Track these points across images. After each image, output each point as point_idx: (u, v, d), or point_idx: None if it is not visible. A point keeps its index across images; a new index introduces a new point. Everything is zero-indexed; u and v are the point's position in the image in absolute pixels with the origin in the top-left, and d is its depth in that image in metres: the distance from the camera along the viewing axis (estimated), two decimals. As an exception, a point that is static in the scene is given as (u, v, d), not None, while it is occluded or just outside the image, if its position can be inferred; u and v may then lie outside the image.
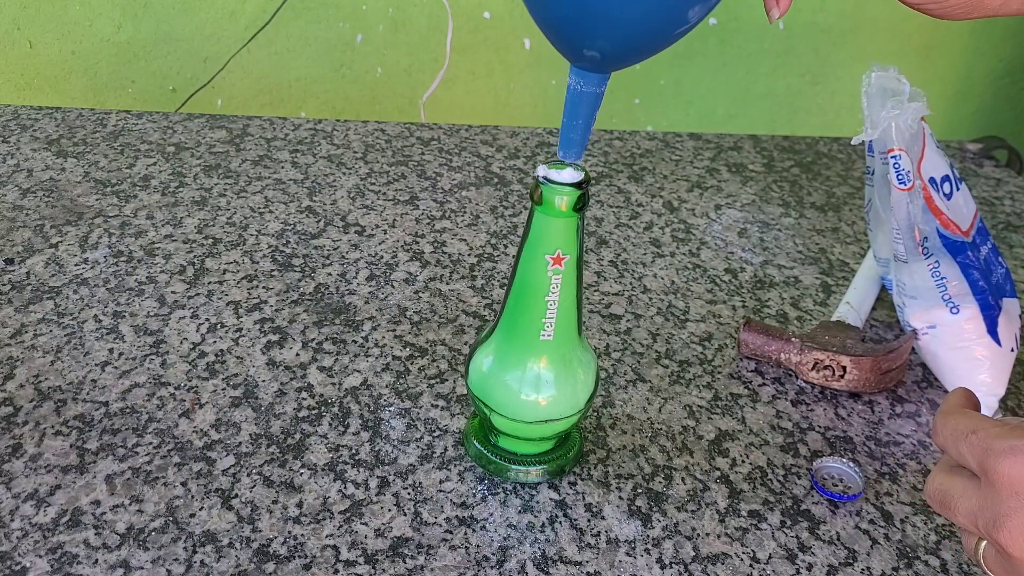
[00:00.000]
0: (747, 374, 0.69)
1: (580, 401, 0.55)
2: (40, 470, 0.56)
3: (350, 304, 0.74)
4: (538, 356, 0.53)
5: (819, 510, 0.58)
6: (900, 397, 0.69)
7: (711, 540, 0.55)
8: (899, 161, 0.64)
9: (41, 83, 1.32)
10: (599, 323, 0.74)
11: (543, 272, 0.49)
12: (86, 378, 0.63)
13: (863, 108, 0.66)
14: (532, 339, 0.52)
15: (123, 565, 0.50)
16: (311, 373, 0.65)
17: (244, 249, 0.80)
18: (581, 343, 0.54)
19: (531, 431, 0.55)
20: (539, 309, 0.51)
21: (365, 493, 0.56)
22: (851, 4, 1.42)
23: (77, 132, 0.98)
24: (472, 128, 1.08)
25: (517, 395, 0.53)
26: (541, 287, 0.50)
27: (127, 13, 1.28)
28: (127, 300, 0.72)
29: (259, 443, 0.59)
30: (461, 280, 0.78)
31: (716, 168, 1.03)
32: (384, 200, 0.90)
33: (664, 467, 0.60)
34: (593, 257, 0.83)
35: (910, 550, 0.56)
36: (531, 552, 0.53)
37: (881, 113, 0.64)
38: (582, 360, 0.54)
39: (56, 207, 0.84)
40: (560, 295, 0.50)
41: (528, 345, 0.52)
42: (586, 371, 0.54)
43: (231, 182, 0.91)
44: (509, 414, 0.54)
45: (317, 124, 1.05)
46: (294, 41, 1.34)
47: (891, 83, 0.65)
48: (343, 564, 0.51)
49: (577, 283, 0.51)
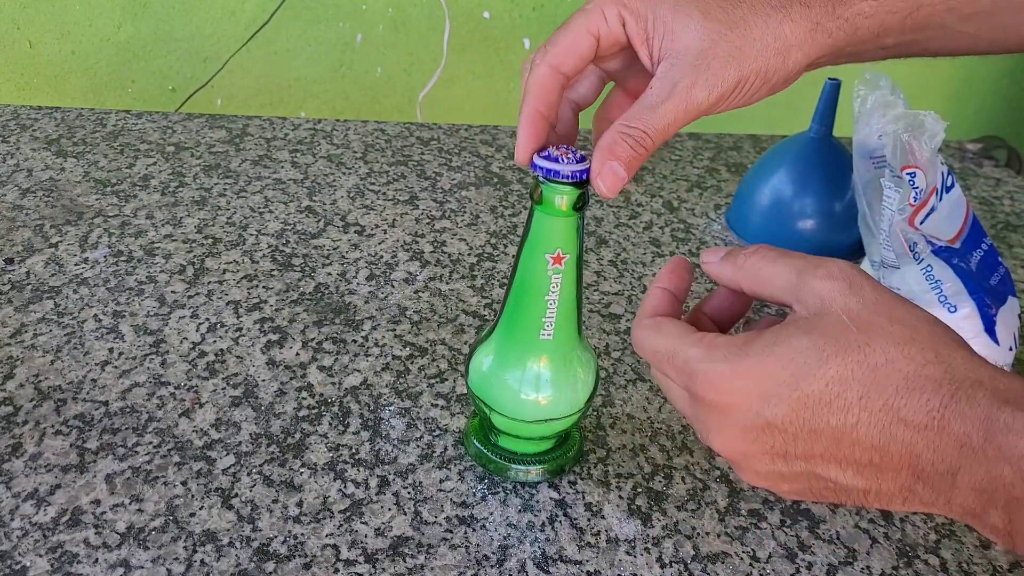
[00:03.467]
0: (747, 373, 0.69)
1: (580, 400, 0.55)
2: (40, 469, 0.56)
3: (350, 304, 0.74)
4: (538, 355, 0.53)
5: (819, 509, 0.58)
6: (900, 396, 0.68)
7: (711, 539, 0.55)
8: (915, 179, 0.65)
9: (41, 83, 1.32)
10: (599, 323, 0.74)
11: (543, 271, 0.49)
12: (86, 378, 0.63)
13: (856, 118, 0.66)
14: (532, 338, 0.52)
15: (123, 564, 0.50)
16: (311, 373, 0.65)
17: (244, 249, 0.80)
18: (581, 342, 0.54)
19: (531, 430, 0.55)
20: (539, 308, 0.51)
21: (365, 492, 0.56)
22: (851, 4, 1.42)
23: (77, 132, 0.98)
24: (472, 128, 1.08)
25: (517, 394, 0.53)
26: (541, 286, 0.50)
27: (127, 13, 1.28)
28: (127, 300, 0.72)
29: (259, 442, 0.59)
30: (461, 280, 0.78)
31: (716, 168, 1.03)
32: (384, 200, 0.90)
33: (664, 466, 0.60)
34: (593, 257, 0.83)
35: (910, 549, 0.56)
36: (531, 551, 0.53)
37: (889, 126, 0.65)
38: (582, 359, 0.54)
39: (56, 207, 0.84)
40: (560, 294, 0.50)
41: (528, 344, 0.52)
42: (586, 370, 0.55)
43: (231, 182, 0.91)
44: (509, 413, 0.54)
45: (317, 124, 1.05)
46: (294, 41, 1.34)
47: (885, 98, 0.66)
48: (343, 563, 0.51)
49: (577, 282, 0.51)
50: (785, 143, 0.87)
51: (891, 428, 0.36)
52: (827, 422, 0.37)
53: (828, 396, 0.37)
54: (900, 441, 0.36)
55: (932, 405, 0.36)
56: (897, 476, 0.37)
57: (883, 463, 0.37)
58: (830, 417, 0.37)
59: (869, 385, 0.36)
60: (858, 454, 0.37)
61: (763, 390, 0.38)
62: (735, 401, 0.39)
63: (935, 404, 0.36)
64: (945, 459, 0.36)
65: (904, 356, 0.37)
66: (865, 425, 0.36)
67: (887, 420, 0.36)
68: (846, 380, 0.37)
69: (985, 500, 0.35)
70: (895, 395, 0.36)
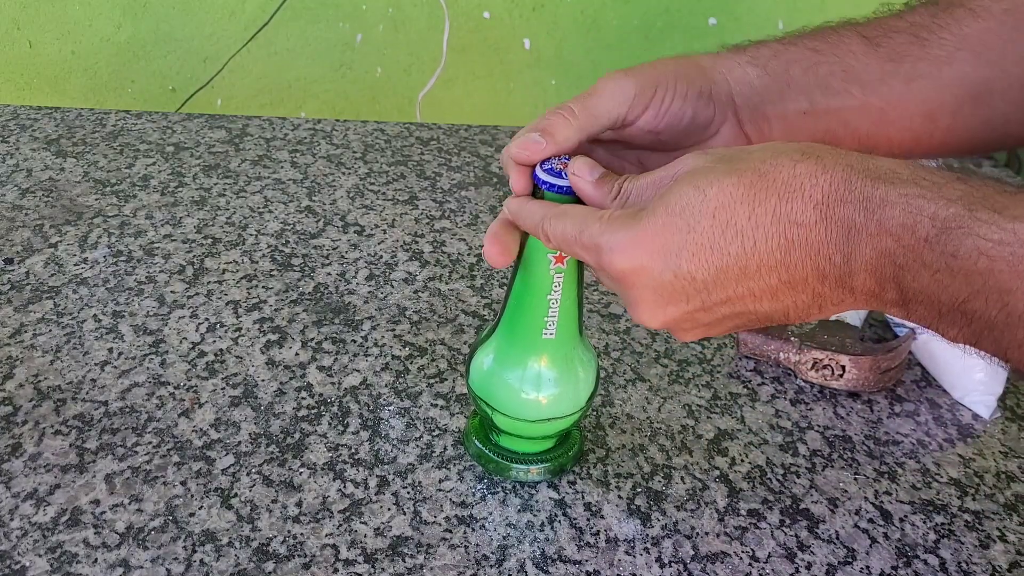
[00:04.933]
0: (746, 373, 0.70)
1: (581, 399, 0.55)
2: (40, 469, 0.56)
3: (349, 304, 0.74)
4: (539, 355, 0.53)
5: (818, 509, 0.58)
6: (899, 396, 0.69)
7: (710, 539, 0.55)
8: None
9: (41, 83, 1.32)
10: (599, 323, 0.74)
11: (545, 271, 0.49)
12: (85, 378, 0.63)
13: None
14: (534, 338, 0.52)
15: (123, 564, 0.50)
16: (310, 373, 0.65)
17: (243, 249, 0.80)
18: (582, 342, 0.54)
19: (532, 430, 0.55)
20: (542, 308, 0.51)
21: (364, 492, 0.56)
22: (851, 4, 1.42)
23: (76, 132, 0.98)
24: (471, 128, 1.08)
25: (518, 394, 0.53)
26: (543, 286, 0.50)
27: (127, 13, 1.28)
28: (126, 300, 0.72)
29: (259, 442, 0.59)
30: (460, 280, 0.78)
31: (715, 168, 1.03)
32: (383, 200, 0.90)
33: (663, 466, 0.60)
34: (592, 257, 0.83)
35: (909, 549, 0.56)
36: (530, 551, 0.53)
37: None
38: (583, 359, 0.54)
39: (55, 207, 0.84)
40: (562, 294, 0.50)
41: (530, 344, 0.52)
42: (587, 369, 0.55)
43: (230, 182, 0.91)
44: (510, 413, 0.54)
45: (316, 124, 1.05)
46: (294, 41, 1.34)
47: None
48: (343, 563, 0.51)
49: (579, 281, 0.51)
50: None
51: (786, 233, 0.38)
52: (728, 252, 0.39)
53: (720, 226, 0.39)
54: (798, 244, 0.38)
55: (816, 199, 0.38)
56: (805, 286, 0.39)
57: (791, 278, 0.39)
58: (729, 247, 0.39)
59: (752, 201, 0.38)
60: (767, 279, 0.39)
61: (663, 244, 0.40)
62: (642, 263, 0.40)
63: (817, 197, 0.38)
64: (839, 248, 0.38)
65: (774, 165, 0.39)
66: (763, 242, 0.38)
67: (780, 227, 0.38)
68: (730, 204, 0.38)
69: (879, 277, 0.38)
70: (779, 201, 0.38)
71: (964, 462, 0.63)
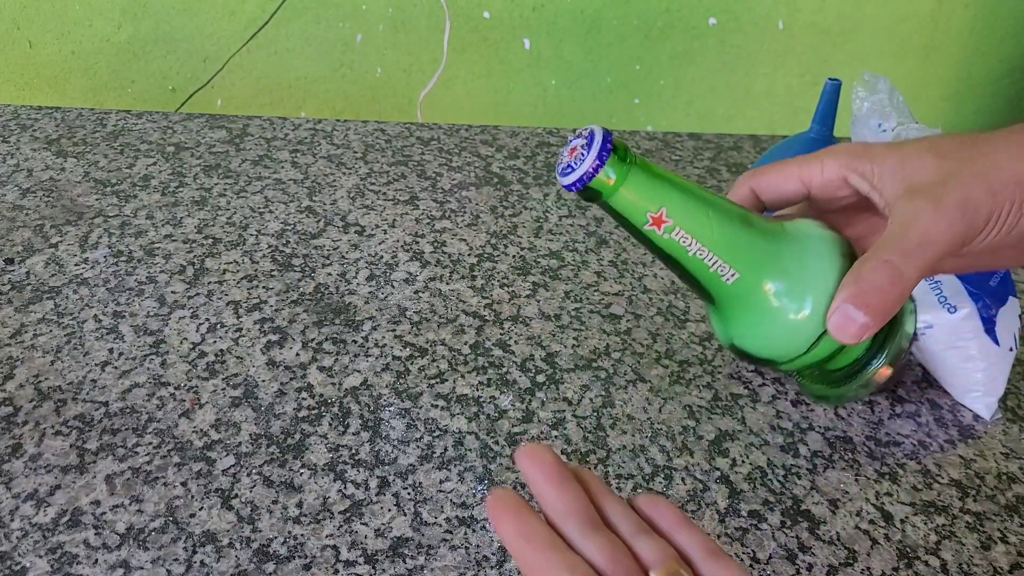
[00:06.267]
0: (747, 374, 0.69)
1: (827, 273, 0.46)
2: (40, 470, 0.56)
3: (350, 304, 0.74)
4: (744, 294, 0.46)
5: (819, 510, 0.58)
6: (900, 397, 0.69)
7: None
8: None
9: (41, 83, 1.32)
10: (599, 323, 0.74)
11: (663, 240, 0.44)
12: (86, 378, 0.63)
13: (853, 122, 0.66)
14: (726, 290, 0.45)
15: (123, 565, 0.50)
16: (311, 373, 0.65)
17: (244, 249, 0.80)
18: (782, 230, 0.46)
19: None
20: (701, 269, 0.45)
21: (365, 493, 0.56)
22: (851, 4, 1.42)
23: (77, 132, 0.98)
24: (472, 128, 1.08)
25: (792, 324, 0.45)
26: (679, 252, 0.44)
27: (127, 13, 1.28)
28: (127, 300, 0.72)
29: (259, 443, 0.59)
30: (461, 280, 0.78)
31: (716, 168, 1.03)
32: (384, 200, 0.90)
33: (664, 467, 0.60)
34: (593, 257, 0.83)
35: (910, 550, 0.56)
36: (531, 552, 0.53)
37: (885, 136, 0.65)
38: (796, 246, 0.46)
39: (56, 207, 0.84)
40: (700, 239, 0.44)
41: (731, 297, 0.46)
42: (802, 247, 0.46)
43: (231, 182, 0.91)
44: (810, 340, 0.45)
45: (317, 124, 1.05)
46: (294, 41, 1.34)
47: (882, 105, 0.66)
48: (343, 564, 0.51)
49: (703, 211, 0.44)
50: (785, 143, 0.87)
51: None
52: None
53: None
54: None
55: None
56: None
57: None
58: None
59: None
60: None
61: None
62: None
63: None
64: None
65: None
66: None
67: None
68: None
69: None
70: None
71: (965, 463, 0.63)
